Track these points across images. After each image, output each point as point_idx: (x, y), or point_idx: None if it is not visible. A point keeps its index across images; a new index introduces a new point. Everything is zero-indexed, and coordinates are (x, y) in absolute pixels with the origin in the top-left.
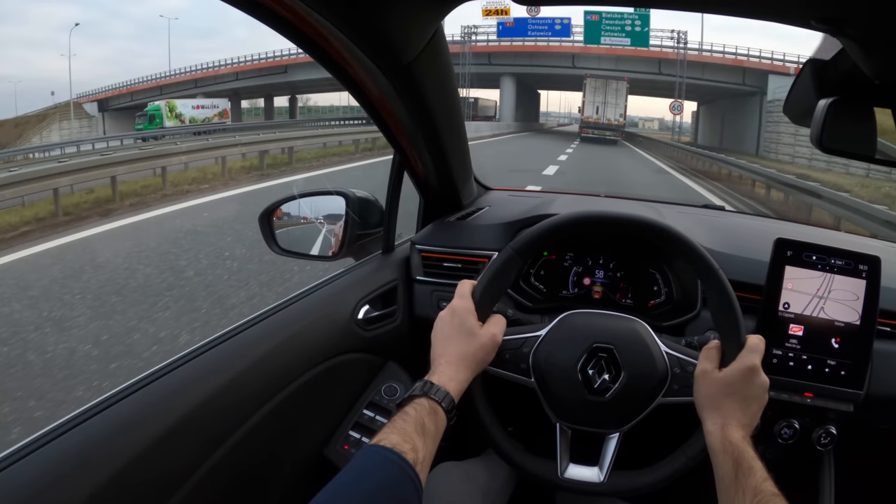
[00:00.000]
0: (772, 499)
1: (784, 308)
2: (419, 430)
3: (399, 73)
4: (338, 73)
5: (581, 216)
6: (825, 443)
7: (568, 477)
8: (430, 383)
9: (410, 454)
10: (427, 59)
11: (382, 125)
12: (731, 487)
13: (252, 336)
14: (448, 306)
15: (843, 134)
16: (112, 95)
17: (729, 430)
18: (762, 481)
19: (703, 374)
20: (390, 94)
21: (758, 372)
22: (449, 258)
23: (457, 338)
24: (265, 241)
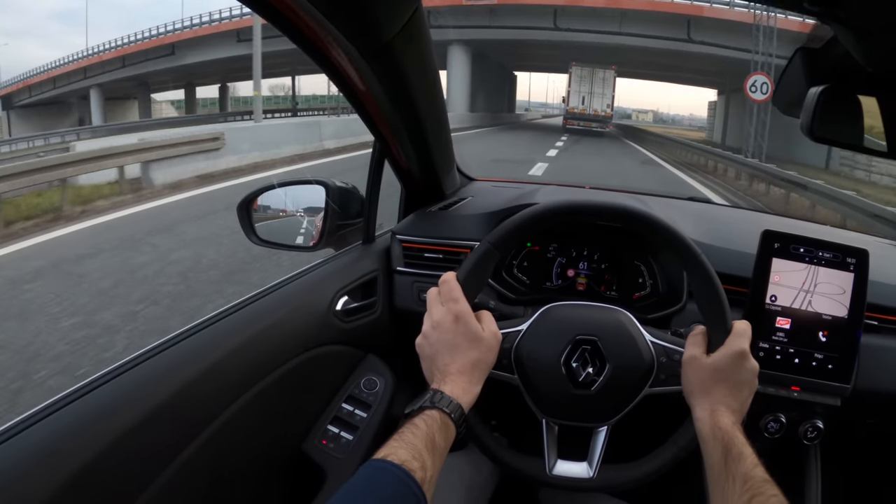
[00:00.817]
0: (762, 485)
1: (771, 301)
2: (429, 446)
3: (377, 53)
4: (314, 54)
5: (557, 206)
6: (812, 437)
7: (556, 473)
8: (441, 394)
9: (419, 472)
10: (406, 40)
11: (362, 111)
12: (720, 474)
13: (226, 327)
14: (445, 311)
15: (834, 123)
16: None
17: (718, 416)
18: (752, 467)
19: (690, 360)
20: (369, 77)
21: (747, 356)
22: (430, 248)
23: (465, 344)
24: (243, 231)
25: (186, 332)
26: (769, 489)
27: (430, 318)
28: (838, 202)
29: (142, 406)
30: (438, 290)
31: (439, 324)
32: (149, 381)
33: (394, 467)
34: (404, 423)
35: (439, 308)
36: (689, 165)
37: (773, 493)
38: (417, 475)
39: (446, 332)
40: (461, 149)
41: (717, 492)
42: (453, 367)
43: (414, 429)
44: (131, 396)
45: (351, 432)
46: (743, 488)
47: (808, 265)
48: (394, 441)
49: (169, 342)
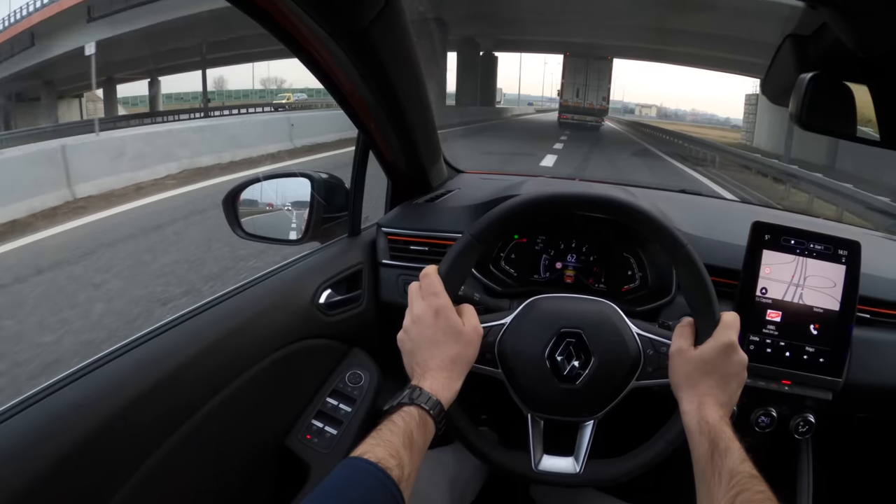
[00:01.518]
0: (749, 480)
1: (762, 293)
2: (406, 444)
3: (353, 41)
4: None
5: (539, 197)
6: (803, 431)
7: (542, 469)
8: (419, 390)
9: (396, 471)
10: (384, 26)
11: (343, 102)
12: (707, 469)
13: (206, 320)
14: (426, 305)
15: (824, 111)
16: None
17: (706, 409)
18: (739, 462)
19: (677, 352)
20: (347, 66)
21: (735, 348)
22: (415, 241)
23: (445, 340)
24: (229, 224)
25: (166, 325)
26: (756, 485)
27: (411, 313)
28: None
29: (121, 399)
30: (419, 283)
31: (419, 318)
32: (128, 374)
33: (370, 466)
34: (383, 420)
35: (420, 302)
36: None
37: (759, 489)
38: (394, 473)
39: (426, 327)
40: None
41: (703, 487)
42: (433, 362)
43: (392, 426)
44: (110, 389)
45: (335, 427)
46: (729, 484)
47: (799, 257)
48: (371, 439)
49: (149, 335)
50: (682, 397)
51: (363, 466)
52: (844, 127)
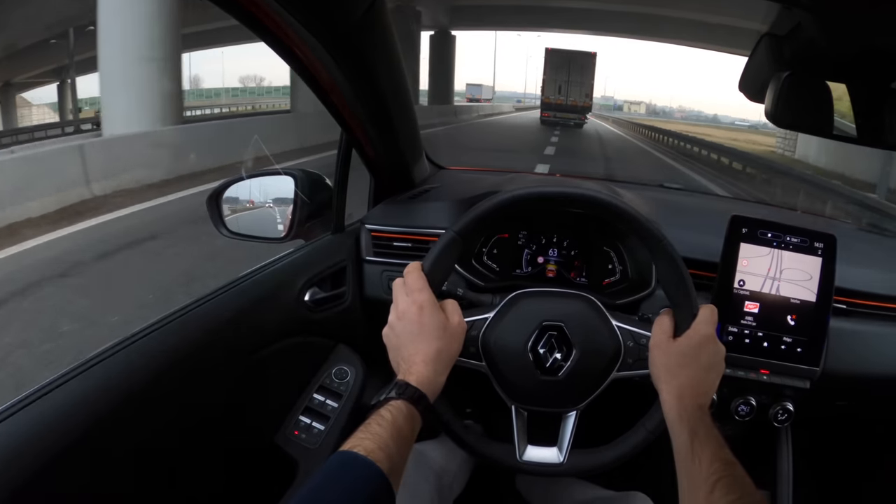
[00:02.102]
0: (728, 466)
1: (739, 285)
2: (394, 437)
3: (337, 43)
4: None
5: (520, 194)
6: (782, 419)
7: (527, 459)
8: (406, 384)
9: (385, 463)
10: (367, 28)
11: (326, 100)
12: (687, 457)
13: (193, 319)
14: (410, 301)
15: (799, 108)
16: None
17: (685, 399)
18: (718, 449)
19: (657, 344)
20: (330, 66)
21: (713, 340)
22: (399, 237)
23: (429, 335)
24: (213, 223)
25: (153, 325)
26: (735, 470)
27: (396, 309)
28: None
29: (109, 400)
30: (403, 280)
31: (404, 314)
32: (116, 375)
33: (359, 459)
34: (371, 414)
35: (404, 298)
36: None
37: (738, 475)
38: (383, 466)
39: (411, 323)
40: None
41: (684, 474)
42: (418, 357)
43: (380, 419)
44: (98, 391)
45: (322, 422)
46: (709, 470)
47: (775, 250)
48: (360, 433)
49: (136, 336)
50: (661, 388)
51: (353, 460)
52: (820, 125)
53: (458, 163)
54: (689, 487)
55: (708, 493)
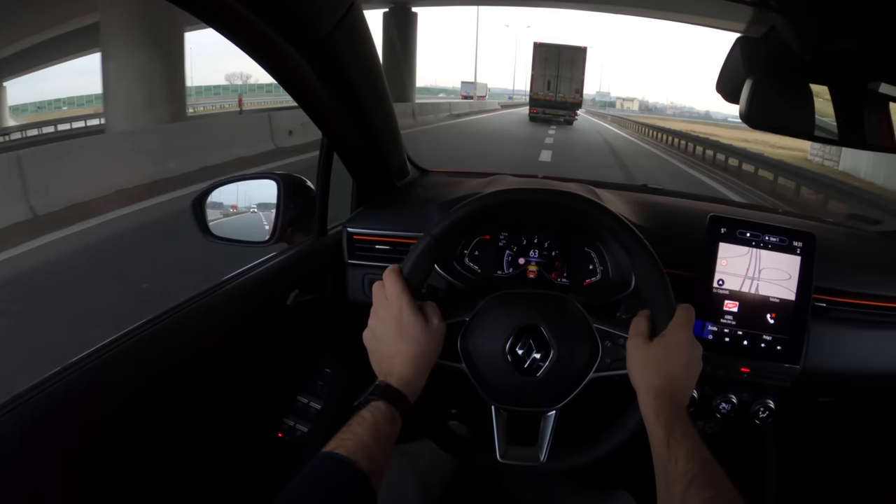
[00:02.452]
0: (705, 464)
1: (718, 284)
2: (375, 437)
3: (313, 51)
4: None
5: (498, 198)
6: (764, 417)
7: (507, 460)
8: (387, 386)
9: (365, 463)
10: (343, 36)
11: (306, 105)
12: (664, 455)
13: (176, 323)
14: (389, 304)
15: (773, 110)
16: None
17: (662, 398)
18: (695, 448)
19: (634, 344)
20: (308, 72)
21: (690, 339)
22: (380, 240)
23: (409, 337)
24: (197, 228)
25: (134, 330)
26: (711, 468)
27: (375, 312)
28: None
29: (89, 407)
30: (383, 283)
31: (383, 317)
32: (95, 382)
33: (341, 460)
34: (352, 416)
35: (383, 301)
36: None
37: (714, 472)
38: (364, 466)
39: (390, 325)
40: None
41: (661, 472)
42: (398, 359)
43: (361, 421)
44: (76, 399)
45: (306, 424)
46: (685, 468)
47: (754, 249)
48: (341, 434)
49: (115, 342)
50: (639, 388)
51: (334, 461)
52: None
53: (441, 166)
54: (666, 485)
55: (683, 490)
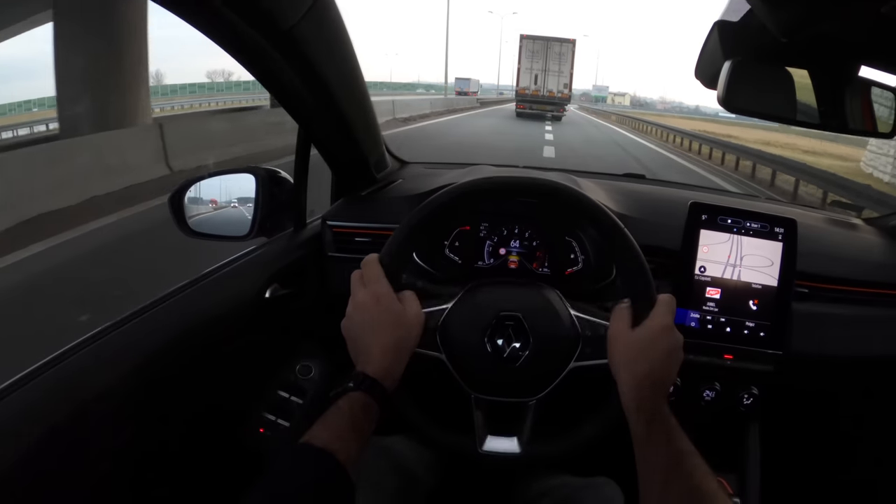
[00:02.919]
0: (686, 456)
1: (700, 271)
2: (352, 428)
3: (282, 40)
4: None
5: (476, 184)
6: (748, 403)
7: (486, 450)
8: (363, 375)
9: (342, 454)
10: (312, 24)
11: (280, 96)
12: (645, 446)
13: (151, 320)
14: (367, 292)
15: (752, 94)
16: None
17: (643, 388)
18: (675, 439)
19: (615, 334)
20: (280, 63)
21: (671, 329)
22: (359, 233)
23: (387, 326)
24: (175, 223)
25: (112, 325)
26: (692, 459)
27: (353, 300)
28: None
29: (68, 403)
30: (361, 271)
31: (361, 305)
32: (73, 378)
33: (316, 450)
34: (330, 406)
35: (361, 290)
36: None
37: (695, 463)
38: (340, 457)
39: (368, 314)
40: None
41: (641, 463)
42: (376, 348)
43: (337, 411)
44: (55, 395)
45: (288, 419)
46: (665, 460)
47: (735, 235)
48: (317, 425)
49: (94, 337)
50: (619, 377)
51: (310, 452)
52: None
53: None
54: (646, 477)
55: (664, 482)
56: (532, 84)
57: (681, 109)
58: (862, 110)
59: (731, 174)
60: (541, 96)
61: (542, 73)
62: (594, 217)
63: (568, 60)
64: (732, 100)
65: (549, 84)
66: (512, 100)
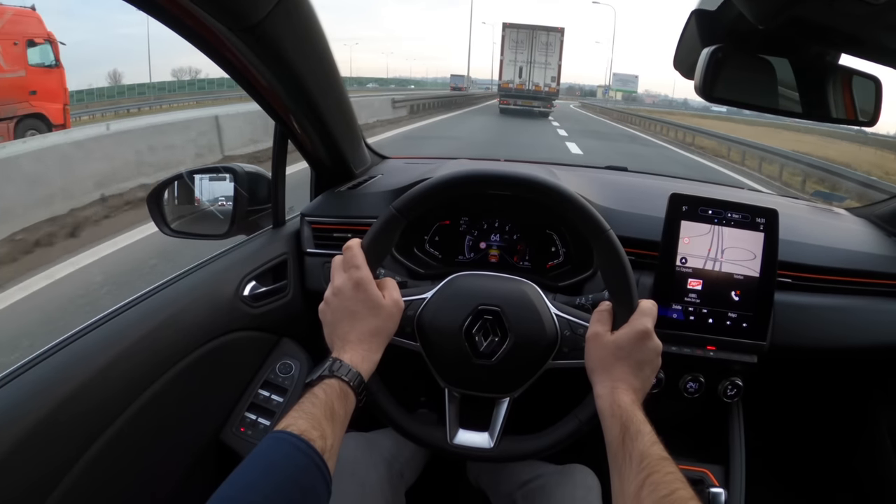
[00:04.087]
0: (659, 462)
1: (682, 263)
2: (328, 415)
3: (251, 34)
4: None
5: (461, 174)
6: (732, 395)
7: (457, 443)
8: (340, 362)
9: (319, 441)
10: (283, 16)
11: (254, 93)
12: (618, 452)
13: (126, 321)
14: (347, 278)
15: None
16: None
17: (618, 393)
18: (650, 445)
19: (594, 336)
20: (252, 58)
21: (650, 335)
22: (338, 228)
23: (365, 312)
24: (154, 222)
25: (90, 326)
26: (666, 466)
27: (332, 286)
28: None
29: (46, 403)
30: (342, 257)
31: (340, 291)
32: (52, 378)
33: (293, 438)
34: (304, 394)
35: (341, 275)
36: None
37: (669, 471)
38: (317, 444)
39: (346, 300)
40: None
41: (615, 469)
42: (353, 335)
43: (313, 399)
44: (35, 393)
45: (268, 418)
46: (640, 466)
47: (717, 226)
48: (293, 412)
49: (72, 337)
50: (596, 381)
51: (286, 439)
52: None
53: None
54: (620, 484)
55: (637, 489)
56: (516, 77)
57: (670, 104)
58: (844, 99)
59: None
60: (526, 90)
61: (528, 65)
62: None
63: (556, 51)
64: (711, 89)
65: (534, 77)
66: (485, 96)
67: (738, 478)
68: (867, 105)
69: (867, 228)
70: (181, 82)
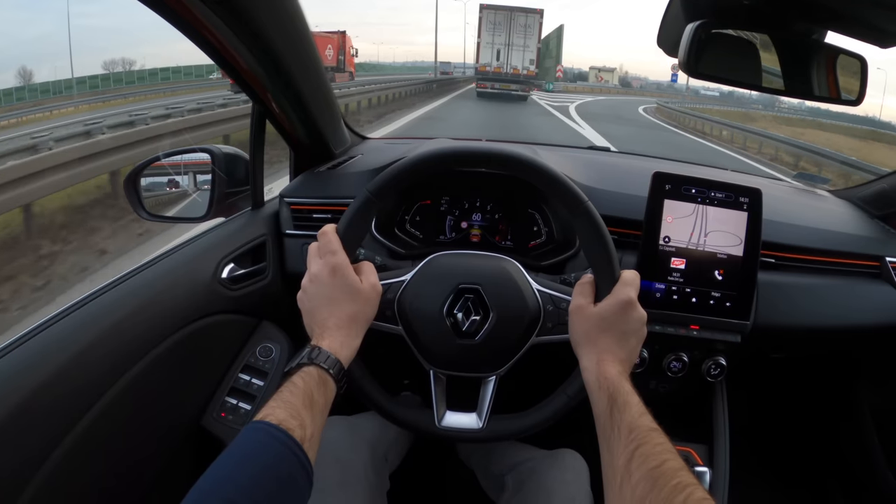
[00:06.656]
0: (647, 434)
1: (665, 242)
2: (307, 404)
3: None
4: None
5: (435, 152)
6: (715, 374)
7: (445, 425)
8: (318, 349)
9: (298, 431)
10: None
11: (231, 70)
12: (606, 424)
13: (101, 304)
14: (323, 264)
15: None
16: None
17: (605, 365)
18: (638, 416)
19: (577, 309)
20: (228, 34)
21: (634, 305)
22: (318, 209)
23: (343, 298)
24: (131, 206)
25: (66, 310)
26: (654, 437)
27: (309, 272)
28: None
29: (23, 387)
30: (318, 243)
31: (317, 277)
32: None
33: (272, 428)
34: (283, 382)
35: (317, 261)
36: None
37: (658, 442)
38: (296, 434)
39: (324, 286)
40: None
41: (604, 441)
42: (331, 321)
43: (292, 387)
44: (11, 378)
45: (249, 402)
46: (628, 438)
47: (700, 205)
48: (272, 401)
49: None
50: (581, 354)
51: (263, 429)
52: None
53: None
54: (609, 455)
55: (626, 461)
56: (494, 60)
57: (659, 87)
58: (827, 77)
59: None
60: (504, 74)
61: (506, 47)
62: (558, 189)
63: (534, 34)
64: (695, 66)
65: (513, 60)
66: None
67: (723, 457)
68: (852, 84)
69: (850, 210)
70: (116, 75)
